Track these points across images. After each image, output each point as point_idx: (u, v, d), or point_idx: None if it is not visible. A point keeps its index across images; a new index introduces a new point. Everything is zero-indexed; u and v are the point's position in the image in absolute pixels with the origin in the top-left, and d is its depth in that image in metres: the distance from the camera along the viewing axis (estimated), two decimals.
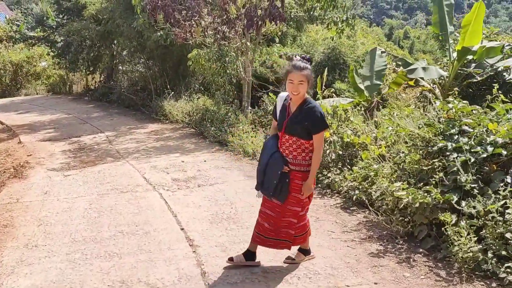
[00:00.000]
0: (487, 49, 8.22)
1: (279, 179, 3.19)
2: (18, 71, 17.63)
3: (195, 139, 9.24)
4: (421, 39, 30.90)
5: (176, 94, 11.94)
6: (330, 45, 14.60)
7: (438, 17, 8.92)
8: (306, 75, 3.19)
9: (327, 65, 14.15)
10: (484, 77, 8.74)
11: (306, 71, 3.19)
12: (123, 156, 8.08)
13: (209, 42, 9.85)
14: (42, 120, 11.98)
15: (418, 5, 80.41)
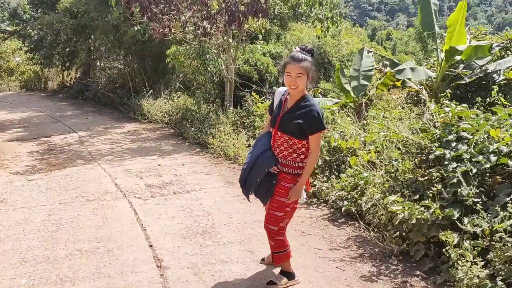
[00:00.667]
0: (475, 48, 7.95)
1: (263, 178, 2.95)
2: None
3: (174, 140, 8.73)
4: (403, 41, 30.97)
5: (156, 92, 11.38)
6: (315, 44, 14.24)
7: (424, 16, 8.60)
8: (305, 68, 2.87)
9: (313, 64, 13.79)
10: (473, 79, 8.48)
11: (305, 63, 2.87)
12: (95, 158, 7.53)
13: (189, 38, 9.35)
14: (12, 118, 11.28)
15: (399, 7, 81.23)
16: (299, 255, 3.54)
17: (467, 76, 8.46)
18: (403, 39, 29.07)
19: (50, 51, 14.59)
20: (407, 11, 77.67)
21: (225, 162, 7.01)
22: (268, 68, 11.22)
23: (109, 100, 12.62)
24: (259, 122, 7.74)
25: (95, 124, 10.40)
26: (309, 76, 2.90)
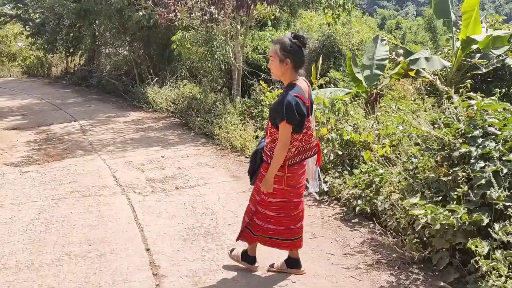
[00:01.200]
0: (494, 39, 7.53)
1: (253, 159, 3.03)
2: None
3: (179, 131, 8.41)
4: (412, 30, 30.20)
5: (161, 80, 11.05)
6: (325, 32, 13.78)
7: (439, 3, 8.14)
8: (274, 50, 2.78)
9: (322, 52, 13.37)
10: (490, 69, 8.06)
11: (275, 46, 2.79)
12: (95, 149, 7.25)
13: (196, 24, 8.96)
14: (11, 105, 11.02)
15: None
16: (310, 261, 3.23)
17: (484, 66, 8.03)
18: (412, 29, 28.31)
19: (53, 36, 14.26)
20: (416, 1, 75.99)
21: (231, 154, 6.69)
22: None
23: (113, 87, 12.31)
24: (267, 113, 7.39)
25: (98, 113, 10.11)
26: (282, 61, 2.75)
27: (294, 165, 2.82)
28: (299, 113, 2.67)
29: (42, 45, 14.90)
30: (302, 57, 2.79)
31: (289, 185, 2.85)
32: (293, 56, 2.74)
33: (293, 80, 2.79)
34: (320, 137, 4.80)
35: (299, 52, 2.76)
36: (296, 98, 2.68)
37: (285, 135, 2.69)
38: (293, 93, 2.71)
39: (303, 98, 2.73)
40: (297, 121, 2.68)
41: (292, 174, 2.83)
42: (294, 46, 2.74)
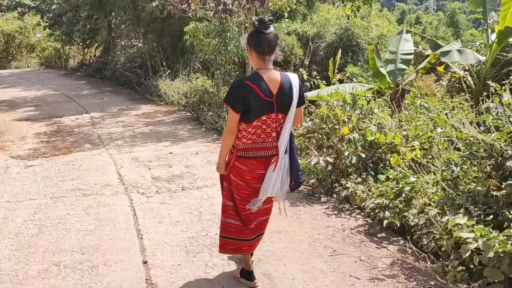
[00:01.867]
0: None
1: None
2: (10, 42, 16.36)
3: (190, 125, 8.04)
4: (433, 25, 29.20)
5: (174, 72, 10.69)
6: (343, 26, 13.20)
7: None
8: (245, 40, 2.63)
9: (339, 47, 12.84)
10: None
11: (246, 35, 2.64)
12: (103, 142, 6.93)
13: (210, 15, 8.55)
14: (25, 96, 10.83)
15: None
16: (331, 286, 2.79)
17: None
18: (433, 23, 27.32)
19: (70, 28, 14.07)
20: None
21: None
22: (293, 49, 10.34)
23: (127, 79, 12.02)
24: None
25: (110, 105, 9.81)
26: (248, 49, 2.60)
27: (241, 159, 2.63)
28: (239, 95, 2.50)
29: (60, 37, 14.75)
30: (261, 43, 2.50)
31: (233, 174, 2.69)
32: (253, 43, 2.53)
33: (259, 68, 2.56)
34: (340, 137, 4.33)
35: (259, 38, 2.51)
36: (244, 84, 2.52)
37: (229, 119, 2.57)
38: (244, 79, 2.58)
39: (257, 88, 2.49)
40: (231, 101, 2.52)
41: (239, 167, 2.65)
42: (254, 32, 2.53)
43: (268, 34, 2.49)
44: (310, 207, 4.14)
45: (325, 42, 12.47)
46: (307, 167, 4.57)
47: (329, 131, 4.31)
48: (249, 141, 2.58)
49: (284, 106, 2.56)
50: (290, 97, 2.55)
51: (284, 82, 2.56)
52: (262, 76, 2.51)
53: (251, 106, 2.48)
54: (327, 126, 4.33)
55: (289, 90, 2.55)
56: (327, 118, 4.32)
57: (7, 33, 16.17)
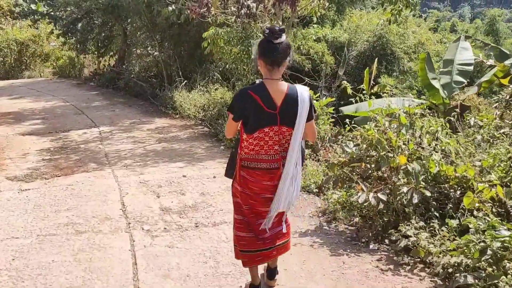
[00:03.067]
0: None
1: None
2: (23, 50, 15.97)
3: (207, 142, 7.24)
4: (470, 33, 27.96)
5: (191, 83, 9.95)
6: (376, 33, 12.28)
7: None
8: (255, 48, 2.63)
9: (371, 55, 11.90)
10: None
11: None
12: (110, 162, 6.19)
13: (231, 20, 7.79)
14: (34, 107, 10.24)
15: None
16: None
17: None
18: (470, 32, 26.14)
19: (84, 36, 13.54)
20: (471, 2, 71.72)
21: None
22: (323, 57, 9.48)
23: (141, 90, 11.35)
24: None
25: (121, 118, 9.11)
26: (258, 60, 2.52)
27: (245, 169, 2.57)
28: (240, 104, 2.46)
29: (75, 45, 14.27)
30: (270, 53, 2.41)
31: (239, 184, 2.62)
32: (262, 52, 2.46)
33: (266, 78, 2.48)
34: (395, 168, 3.44)
35: (268, 47, 2.42)
36: (246, 93, 2.44)
37: (227, 123, 2.60)
38: (248, 88, 2.49)
39: (259, 99, 2.42)
40: (232, 108, 2.51)
41: (245, 177, 2.58)
42: (264, 41, 2.45)
43: (278, 44, 2.38)
44: (357, 258, 3.25)
45: (356, 50, 11.59)
46: (350, 202, 3.70)
47: (380, 160, 3.42)
48: (252, 152, 2.51)
49: (289, 120, 2.46)
50: (295, 111, 2.45)
51: (290, 95, 2.46)
52: (267, 87, 2.43)
53: (250, 116, 2.43)
54: (378, 153, 3.44)
55: (295, 104, 2.45)
56: (378, 143, 3.43)
57: (21, 42, 15.77)
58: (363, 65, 12.16)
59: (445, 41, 14.44)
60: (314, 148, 5.58)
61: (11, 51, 15.89)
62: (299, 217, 4.08)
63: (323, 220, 3.97)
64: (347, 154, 3.73)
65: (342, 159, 3.70)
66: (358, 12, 13.99)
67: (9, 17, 14.75)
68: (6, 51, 15.78)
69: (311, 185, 4.78)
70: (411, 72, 12.35)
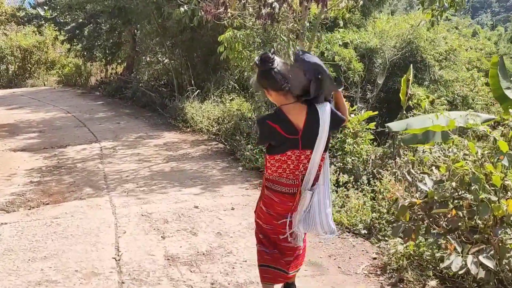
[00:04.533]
0: None
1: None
2: (27, 58, 15.21)
3: (223, 162, 6.25)
4: (492, 41, 26.78)
5: (204, 93, 9.00)
6: (405, 38, 11.24)
7: None
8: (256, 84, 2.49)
9: (400, 63, 10.88)
10: None
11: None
12: (109, 185, 5.23)
13: (251, 22, 6.82)
14: (32, 119, 9.37)
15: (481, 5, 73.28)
16: None
17: None
18: (492, 39, 24.96)
19: (91, 42, 12.73)
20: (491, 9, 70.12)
21: None
22: (350, 63, 8.48)
23: (149, 100, 10.44)
24: (351, 144, 5.03)
25: (126, 132, 8.16)
26: (266, 92, 2.42)
27: (270, 190, 2.46)
28: (266, 137, 2.40)
29: (81, 52, 13.49)
30: (275, 80, 2.27)
31: (264, 204, 2.50)
32: (267, 82, 2.33)
33: (282, 104, 2.36)
34: (499, 218, 2.39)
35: (270, 75, 2.28)
36: (265, 124, 2.36)
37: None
38: (266, 118, 2.40)
39: (279, 128, 2.32)
40: (262, 143, 2.51)
41: (270, 197, 2.45)
42: (262, 72, 2.32)
43: (277, 68, 2.27)
44: None
45: (382, 58, 10.58)
46: (420, 255, 2.66)
47: (478, 206, 2.37)
48: (275, 173, 2.43)
49: (310, 142, 2.36)
50: (317, 132, 2.33)
51: (311, 116, 2.34)
52: (285, 113, 2.33)
53: (272, 142, 2.39)
54: (473, 196, 2.39)
55: (317, 124, 2.33)
56: (474, 181, 2.39)
57: (25, 49, 15.02)
58: (389, 73, 11.10)
59: (480, 48, 13.33)
60: (355, 174, 4.54)
61: (15, 58, 15.16)
62: (351, 275, 3.03)
63: (385, 281, 2.92)
64: (422, 194, 2.69)
65: (415, 201, 2.65)
66: (383, 16, 12.99)
67: (13, 22, 14.00)
68: (10, 58, 15.05)
69: (358, 224, 3.74)
70: (442, 81, 11.28)
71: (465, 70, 11.60)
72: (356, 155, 4.82)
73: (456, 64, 11.27)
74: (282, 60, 2.33)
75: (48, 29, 14.75)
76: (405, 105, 6.47)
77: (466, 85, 11.26)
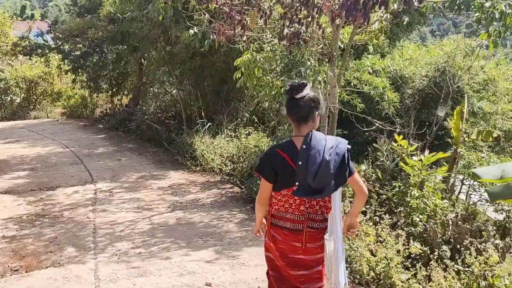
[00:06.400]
0: None
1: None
2: (32, 89, 14.49)
3: (240, 212, 5.14)
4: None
5: (215, 126, 7.98)
6: (439, 66, 10.18)
7: None
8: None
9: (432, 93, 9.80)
10: None
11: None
12: (98, 245, 4.16)
13: (272, 43, 5.85)
14: (26, 154, 8.39)
15: None
16: None
17: None
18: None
19: (96, 73, 11.92)
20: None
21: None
22: (383, 94, 7.43)
23: (155, 134, 9.44)
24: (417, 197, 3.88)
25: (127, 171, 7.11)
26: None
27: (274, 227, 2.37)
28: (270, 165, 2.30)
29: (86, 83, 12.73)
30: (292, 110, 2.30)
31: (270, 240, 2.41)
32: (286, 109, 2.37)
33: (294, 135, 2.35)
34: None
35: (290, 104, 2.31)
36: (274, 152, 2.33)
37: (261, 188, 2.41)
38: (276, 147, 2.40)
39: (288, 158, 2.27)
40: (263, 170, 2.35)
41: (274, 235, 2.38)
42: (287, 98, 2.35)
43: (301, 99, 2.26)
44: None
45: (412, 87, 9.55)
46: None
47: None
48: (280, 208, 2.36)
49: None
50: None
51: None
52: (296, 144, 2.28)
53: (279, 174, 2.29)
54: None
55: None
56: None
57: (30, 80, 14.31)
58: (420, 105, 10.00)
59: None
60: (430, 241, 3.35)
61: (20, 90, 14.44)
62: None
63: None
64: None
65: None
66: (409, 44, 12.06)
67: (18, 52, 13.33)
68: (14, 89, 14.33)
69: None
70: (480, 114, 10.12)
71: (505, 101, 10.48)
72: (425, 213, 3.65)
73: (495, 95, 10.19)
74: (312, 93, 2.29)
75: (53, 59, 14.07)
76: (459, 142, 5.39)
77: (508, 118, 10.11)
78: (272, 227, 2.36)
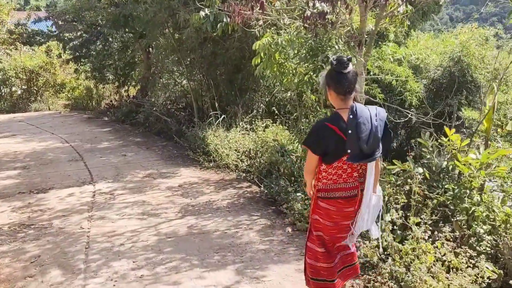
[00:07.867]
0: None
1: None
2: (33, 79, 13.81)
3: (262, 217, 4.39)
4: None
5: (230, 118, 7.20)
6: (454, 56, 9.31)
7: None
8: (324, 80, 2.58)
9: (447, 83, 8.97)
10: None
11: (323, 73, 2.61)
12: (90, 266, 3.49)
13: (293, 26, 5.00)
14: (20, 150, 7.70)
15: None
16: None
17: None
18: None
19: (100, 62, 11.18)
20: None
21: None
22: (406, 83, 6.63)
23: (164, 127, 8.71)
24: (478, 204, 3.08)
25: (132, 168, 6.38)
26: (327, 89, 2.50)
27: (325, 200, 2.49)
28: (320, 138, 2.42)
29: (91, 73, 12.01)
30: (341, 83, 2.38)
31: (320, 215, 2.53)
32: (333, 83, 2.42)
33: (339, 108, 2.44)
34: None
35: (338, 78, 2.39)
36: (323, 125, 2.45)
37: (307, 160, 2.53)
38: (324, 120, 2.63)
39: (337, 129, 2.37)
40: (311, 143, 2.46)
41: (325, 207, 2.50)
42: (332, 72, 2.42)
43: (348, 73, 2.37)
44: None
45: (428, 78, 8.82)
46: None
47: None
48: (330, 181, 2.47)
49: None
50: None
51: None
52: (343, 116, 2.38)
53: (329, 147, 2.39)
54: None
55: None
56: None
57: (30, 70, 13.61)
58: (433, 95, 9.29)
59: None
60: (504, 262, 2.56)
61: (20, 81, 13.76)
62: None
63: None
64: None
65: None
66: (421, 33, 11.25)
67: (14, 40, 12.63)
68: (14, 80, 13.65)
69: None
70: None
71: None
72: (489, 222, 2.87)
73: (506, 84, 9.45)
74: (354, 68, 2.43)
75: (55, 48, 13.37)
76: (489, 134, 4.66)
77: None
78: (324, 201, 2.48)
